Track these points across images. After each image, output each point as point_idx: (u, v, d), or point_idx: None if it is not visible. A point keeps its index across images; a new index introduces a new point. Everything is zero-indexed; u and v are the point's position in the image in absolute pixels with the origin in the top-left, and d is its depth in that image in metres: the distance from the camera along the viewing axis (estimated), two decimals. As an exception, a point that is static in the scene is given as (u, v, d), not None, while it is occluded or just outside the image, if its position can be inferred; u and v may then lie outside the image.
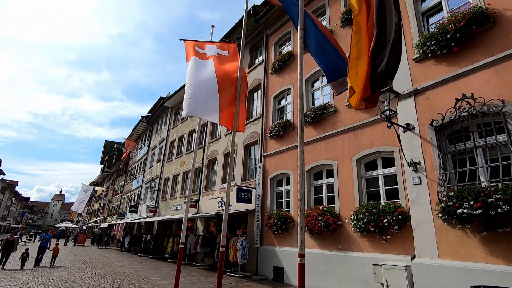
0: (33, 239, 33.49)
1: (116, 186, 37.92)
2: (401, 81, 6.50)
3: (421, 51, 6.19)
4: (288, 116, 10.91)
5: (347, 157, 7.95)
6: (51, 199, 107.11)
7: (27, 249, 11.96)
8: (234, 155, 13.01)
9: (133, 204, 25.40)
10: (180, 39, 6.95)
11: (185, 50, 6.70)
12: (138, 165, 29.59)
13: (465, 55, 5.64)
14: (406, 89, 6.39)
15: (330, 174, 8.53)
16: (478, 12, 5.35)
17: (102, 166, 47.09)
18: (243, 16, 6.81)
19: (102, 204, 44.56)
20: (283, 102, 11.57)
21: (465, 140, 5.35)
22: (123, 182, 33.92)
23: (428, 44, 5.99)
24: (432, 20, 6.74)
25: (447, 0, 6.38)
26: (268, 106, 11.95)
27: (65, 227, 41.25)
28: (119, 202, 32.99)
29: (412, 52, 6.54)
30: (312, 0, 11.00)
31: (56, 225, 51.58)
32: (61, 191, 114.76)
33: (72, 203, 47.20)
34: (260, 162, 11.24)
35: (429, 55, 6.07)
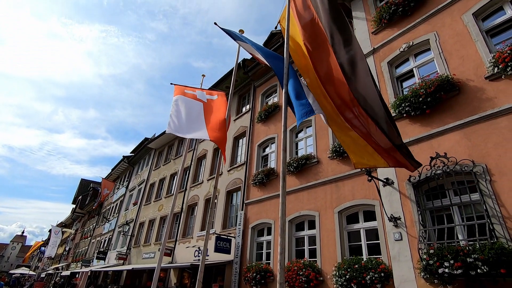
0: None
1: (85, 229, 35.29)
2: (380, 137, 6.84)
3: (397, 111, 6.64)
4: (272, 164, 11.01)
5: (329, 208, 7.93)
6: (10, 241, 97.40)
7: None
8: (216, 200, 12.68)
9: (102, 249, 23.47)
10: (171, 83, 7.24)
11: (174, 93, 6.87)
12: (113, 206, 28.06)
13: (436, 117, 6.10)
14: (385, 145, 6.70)
15: (312, 225, 8.39)
16: (445, 80, 5.94)
17: (74, 206, 44.30)
18: (233, 68, 7.23)
19: (67, 249, 40.84)
20: (267, 150, 11.76)
21: (442, 197, 5.52)
22: (94, 224, 31.71)
23: (403, 105, 6.48)
24: (405, 84, 7.39)
25: (417, 68, 7.09)
26: (252, 153, 12.09)
27: (21, 273, 36.97)
28: (86, 247, 30.40)
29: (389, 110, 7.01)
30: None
31: (11, 271, 46.17)
32: (23, 232, 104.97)
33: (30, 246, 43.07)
34: (242, 209, 10.97)
35: (404, 115, 6.52)
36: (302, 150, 10.06)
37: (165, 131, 20.60)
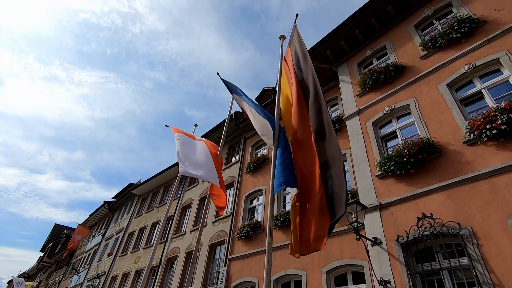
0: None
1: (50, 282, 31.93)
2: (367, 195, 6.89)
3: (382, 169, 6.81)
4: (259, 217, 10.72)
5: (317, 268, 7.55)
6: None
7: None
8: (198, 254, 11.94)
9: (65, 307, 20.98)
10: (166, 125, 7.55)
11: (173, 131, 7.01)
12: (85, 256, 25.90)
13: (420, 178, 6.26)
14: (372, 202, 6.73)
15: (298, 286, 7.87)
16: (426, 143, 6.26)
17: (42, 254, 40.63)
18: (225, 119, 7.47)
19: (25, 305, 36.23)
20: (254, 202, 11.54)
21: (431, 260, 5.38)
22: (61, 276, 28.81)
23: (388, 164, 6.67)
24: (390, 143, 7.72)
25: (400, 130, 7.50)
26: (239, 204, 11.82)
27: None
28: (47, 303, 27.15)
29: (374, 168, 7.19)
30: (288, 114, 12.48)
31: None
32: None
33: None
34: (225, 265, 10.31)
35: (390, 173, 6.68)
36: (290, 204, 9.91)
37: (151, 177, 20.21)
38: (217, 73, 6.72)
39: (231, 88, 6.36)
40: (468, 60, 6.74)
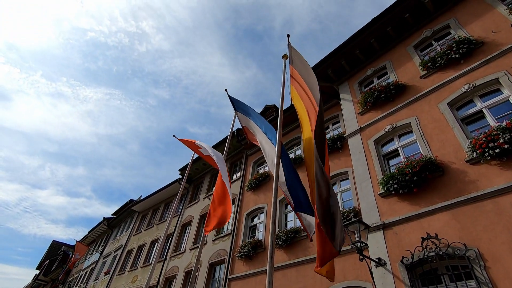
0: None
1: (45, 301, 31.02)
2: (370, 214, 6.78)
3: (385, 188, 6.74)
4: (260, 235, 10.52)
5: (319, 289, 7.31)
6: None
7: None
8: (197, 273, 11.64)
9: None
10: (173, 136, 8.10)
11: (185, 144, 7.63)
12: (81, 275, 25.29)
13: (424, 196, 6.18)
14: (375, 221, 6.61)
15: (300, 309, 7.60)
16: (428, 161, 6.22)
17: (38, 272, 39.72)
18: (227, 136, 7.51)
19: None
20: (255, 220, 11.37)
21: (437, 283, 5.21)
22: (56, 296, 28.02)
23: (391, 182, 6.61)
24: (392, 162, 7.68)
25: (402, 148, 7.48)
26: (240, 222, 11.65)
27: None
28: (40, 324, 26.26)
29: (377, 187, 7.12)
30: (288, 132, 12.53)
31: None
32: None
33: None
34: (225, 286, 10.01)
35: (393, 192, 6.60)
36: (292, 222, 9.77)
37: (151, 194, 20.07)
38: (225, 90, 7.03)
39: (237, 106, 6.52)
40: (468, 80, 6.83)
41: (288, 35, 5.61)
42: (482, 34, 7.21)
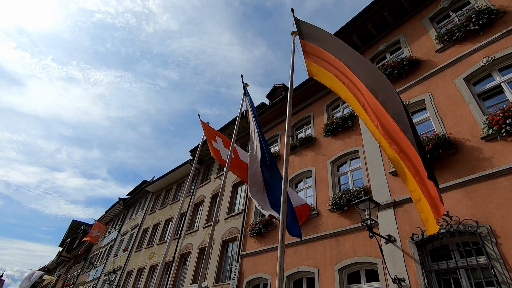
0: None
1: (69, 276, 33.04)
2: (381, 192, 6.79)
3: (396, 166, 6.68)
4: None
5: (329, 265, 7.51)
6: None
7: None
8: (210, 250, 12.09)
9: (83, 300, 21.70)
10: (198, 115, 8.25)
11: (203, 128, 7.88)
12: (101, 252, 26.65)
13: (436, 174, 6.08)
14: (386, 199, 6.62)
15: (311, 283, 7.86)
16: (442, 139, 6.10)
17: (61, 249, 42.06)
18: (236, 117, 7.50)
19: (46, 297, 37.75)
20: (266, 199, 11.55)
21: (447, 259, 5.26)
22: (79, 271, 29.78)
23: (402, 160, 6.53)
24: (404, 140, 7.55)
25: (416, 125, 7.31)
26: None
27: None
28: (67, 296, 28.14)
29: (388, 165, 7.07)
30: (297, 112, 12.39)
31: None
32: (1, 276, 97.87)
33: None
34: (237, 261, 10.40)
35: (404, 170, 6.54)
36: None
37: (164, 175, 20.54)
38: (241, 75, 7.04)
39: (247, 92, 6.68)
40: (487, 53, 6.51)
41: (292, 9, 5.36)
42: (505, 3, 6.78)
